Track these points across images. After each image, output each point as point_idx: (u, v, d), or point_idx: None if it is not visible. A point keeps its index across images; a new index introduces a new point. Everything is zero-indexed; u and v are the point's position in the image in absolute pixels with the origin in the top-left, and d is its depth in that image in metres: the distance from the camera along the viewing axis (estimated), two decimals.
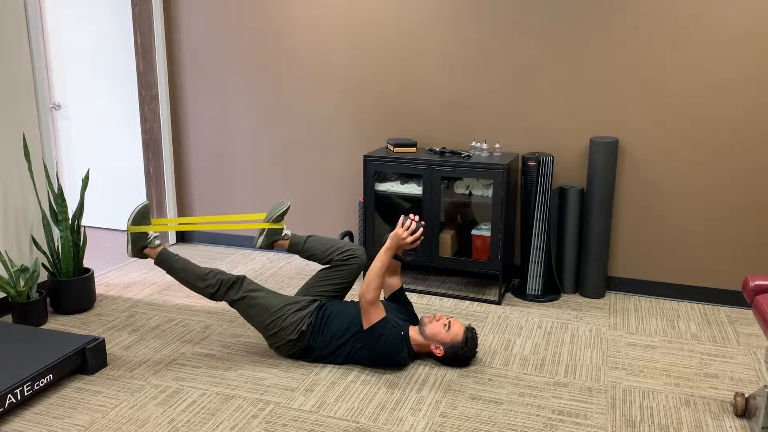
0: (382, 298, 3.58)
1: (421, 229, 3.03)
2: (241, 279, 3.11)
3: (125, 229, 3.15)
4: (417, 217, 3.06)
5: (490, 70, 4.01)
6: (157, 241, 3.21)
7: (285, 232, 3.30)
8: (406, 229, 3.02)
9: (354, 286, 4.10)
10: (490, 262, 3.80)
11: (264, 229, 3.28)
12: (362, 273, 4.20)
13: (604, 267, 3.92)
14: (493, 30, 3.95)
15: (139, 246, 3.18)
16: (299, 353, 3.11)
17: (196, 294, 3.98)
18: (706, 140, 3.71)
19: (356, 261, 3.24)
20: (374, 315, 2.96)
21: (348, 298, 3.93)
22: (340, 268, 3.25)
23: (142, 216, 3.16)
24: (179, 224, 3.21)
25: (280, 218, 3.26)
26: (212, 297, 3.09)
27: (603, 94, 3.84)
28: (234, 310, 3.73)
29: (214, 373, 3.02)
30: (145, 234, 3.17)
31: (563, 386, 2.92)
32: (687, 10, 3.59)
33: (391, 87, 4.24)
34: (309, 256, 3.29)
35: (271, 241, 3.29)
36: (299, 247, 3.30)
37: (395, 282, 3.32)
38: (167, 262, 3.15)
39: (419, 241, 3.06)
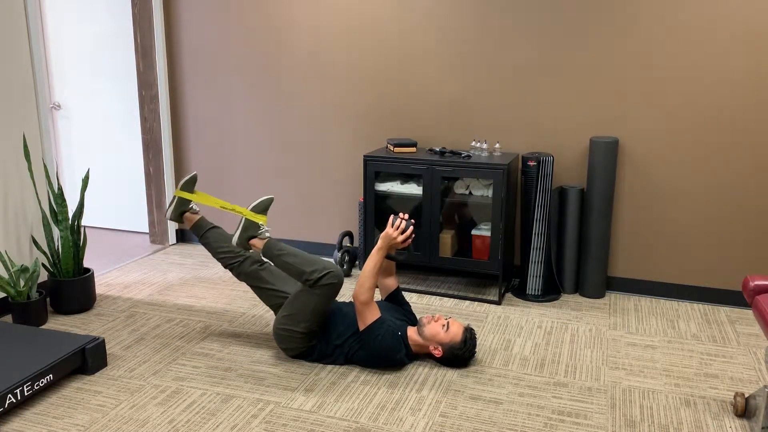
0: (379, 299, 3.58)
1: (412, 227, 3.03)
2: (341, 285, 2.99)
3: (244, 215, 3.13)
4: (407, 216, 3.06)
5: (490, 70, 4.01)
6: (268, 234, 3.14)
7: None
8: (396, 228, 3.02)
9: (348, 287, 4.10)
10: (490, 262, 3.80)
11: (174, 199, 3.30)
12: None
13: (604, 267, 3.92)
14: (493, 30, 3.96)
15: (248, 234, 3.11)
16: (302, 355, 3.12)
17: (196, 294, 3.98)
18: (706, 140, 3.71)
19: (242, 269, 3.23)
20: (369, 316, 2.96)
21: (346, 299, 3.93)
22: (244, 279, 3.26)
23: (264, 207, 3.12)
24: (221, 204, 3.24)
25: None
26: (314, 282, 2.95)
27: (603, 94, 3.84)
28: (235, 310, 3.73)
29: (214, 373, 3.02)
30: (257, 225, 3.11)
31: (563, 386, 2.92)
32: (687, 10, 3.59)
33: (391, 87, 4.24)
34: (204, 244, 3.32)
35: (180, 212, 3.31)
36: (201, 231, 3.31)
37: (391, 282, 3.32)
38: (275, 249, 3.06)
39: (410, 240, 3.06)
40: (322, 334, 3.08)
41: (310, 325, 3.00)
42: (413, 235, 3.07)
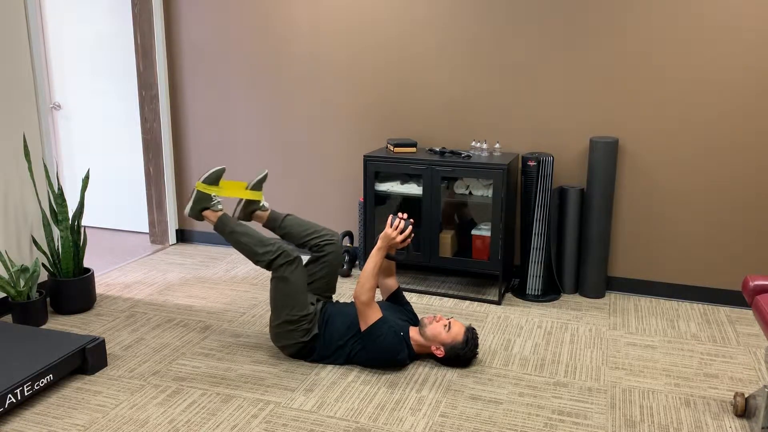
0: (380, 299, 3.58)
1: (411, 227, 3.03)
2: (299, 260, 3.05)
3: (194, 187, 3.16)
4: (406, 215, 3.06)
5: (490, 70, 4.01)
6: (220, 206, 3.16)
7: (263, 203, 3.25)
8: (395, 228, 3.02)
9: (348, 286, 4.10)
10: (490, 262, 3.80)
11: (242, 200, 3.24)
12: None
13: (604, 267, 3.92)
14: (493, 30, 3.96)
15: (200, 206, 3.13)
16: (301, 354, 3.11)
17: (196, 294, 3.97)
18: (706, 140, 3.71)
19: (331, 249, 3.18)
20: (371, 316, 2.96)
21: (347, 299, 3.93)
22: (319, 262, 3.19)
23: (215, 178, 3.13)
24: (239, 190, 3.20)
25: (257, 186, 3.20)
26: (268, 263, 3.01)
27: (603, 94, 3.84)
28: (235, 310, 3.73)
29: (214, 373, 3.02)
30: (210, 197, 3.13)
31: (563, 386, 2.92)
32: (687, 10, 3.59)
33: (391, 87, 4.24)
34: (284, 234, 3.24)
35: (249, 212, 3.25)
36: (276, 224, 3.24)
37: (392, 283, 3.32)
38: (228, 226, 3.09)
39: (410, 239, 3.06)
40: (322, 334, 3.08)
41: (292, 311, 3.00)
42: (412, 235, 3.07)
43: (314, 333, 3.06)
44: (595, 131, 3.91)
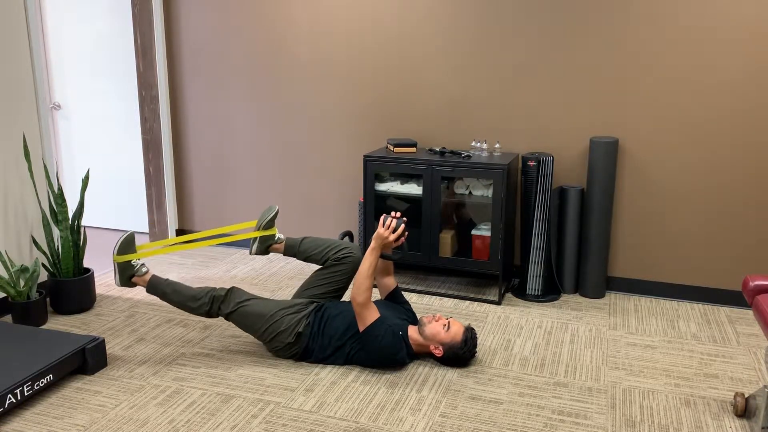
0: (380, 298, 3.58)
1: (403, 225, 3.03)
2: (231, 291, 3.12)
3: (112, 260, 3.15)
4: (398, 214, 3.06)
5: (490, 70, 4.01)
6: (144, 269, 3.17)
7: (278, 236, 3.31)
8: (387, 228, 3.01)
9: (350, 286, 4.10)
10: (490, 262, 3.80)
11: (256, 237, 3.29)
12: None
13: (604, 267, 3.92)
14: (493, 30, 3.96)
15: (126, 275, 3.15)
16: (299, 355, 3.11)
17: None
18: (706, 140, 3.71)
19: (351, 259, 3.23)
20: (368, 317, 2.96)
21: (345, 298, 3.92)
22: (335, 267, 3.24)
23: (126, 245, 3.13)
24: (165, 246, 3.22)
25: (270, 224, 3.26)
26: (208, 314, 3.10)
27: (603, 94, 3.84)
28: None
29: (214, 373, 3.02)
30: (130, 264, 3.14)
31: (563, 386, 2.92)
32: (687, 10, 3.60)
33: (391, 87, 4.24)
34: (306, 258, 3.29)
35: (266, 246, 3.30)
36: (295, 250, 3.30)
37: (390, 282, 3.32)
38: (159, 288, 3.14)
39: (404, 237, 3.06)
40: (317, 334, 3.08)
41: (261, 324, 3.06)
42: (406, 233, 3.06)
43: (298, 331, 3.05)
44: (595, 131, 3.91)
